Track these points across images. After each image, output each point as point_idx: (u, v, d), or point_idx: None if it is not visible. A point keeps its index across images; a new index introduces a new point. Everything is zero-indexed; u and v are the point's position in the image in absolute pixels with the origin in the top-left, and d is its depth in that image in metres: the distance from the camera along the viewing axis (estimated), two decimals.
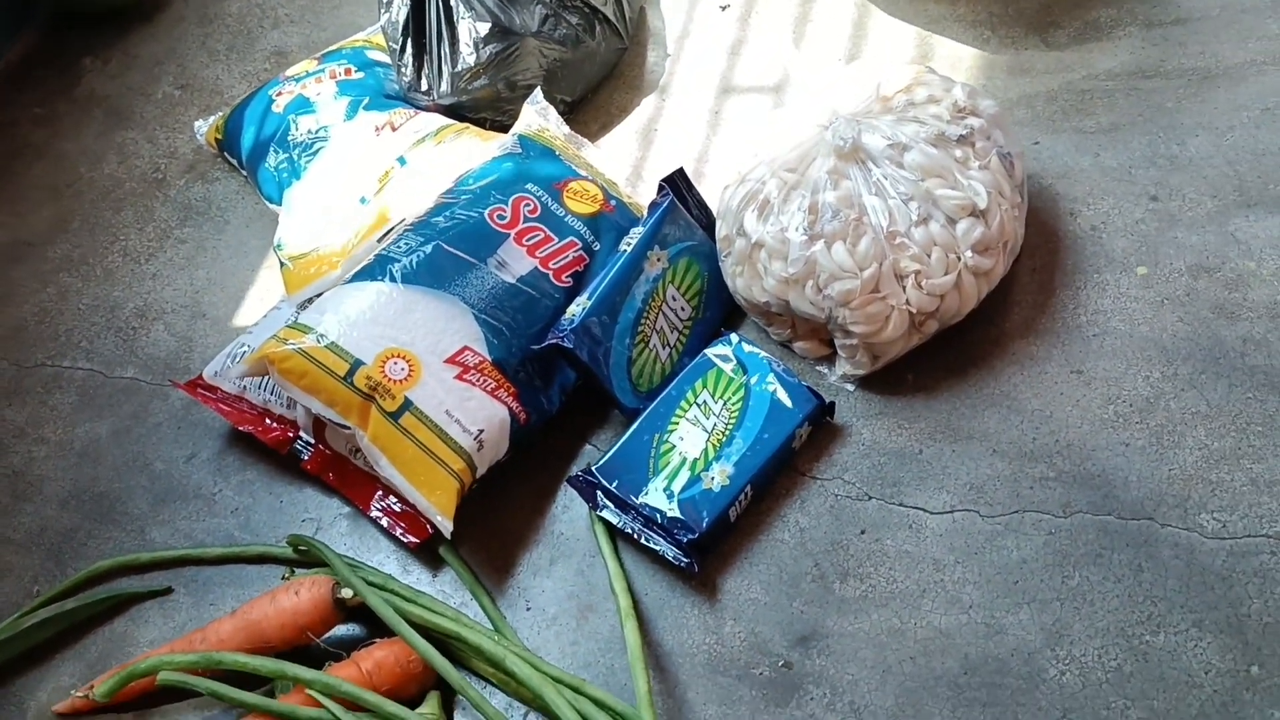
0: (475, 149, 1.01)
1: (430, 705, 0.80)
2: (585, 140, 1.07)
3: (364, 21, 1.29)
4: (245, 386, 0.95)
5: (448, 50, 1.06)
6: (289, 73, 1.14)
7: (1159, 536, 0.81)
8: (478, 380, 0.87)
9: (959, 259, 0.88)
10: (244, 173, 1.14)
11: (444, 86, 1.07)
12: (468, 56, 1.06)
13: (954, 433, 0.89)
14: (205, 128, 1.19)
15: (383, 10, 1.09)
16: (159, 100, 1.29)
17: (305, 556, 0.90)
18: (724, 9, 1.22)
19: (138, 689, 0.83)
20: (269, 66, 1.29)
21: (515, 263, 0.93)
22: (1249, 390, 0.87)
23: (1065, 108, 1.07)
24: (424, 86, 1.07)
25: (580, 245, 0.96)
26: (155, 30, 1.37)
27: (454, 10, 1.06)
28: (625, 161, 1.12)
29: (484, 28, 1.05)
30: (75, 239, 1.18)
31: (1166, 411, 0.87)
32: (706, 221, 0.99)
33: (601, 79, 1.17)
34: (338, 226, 1.00)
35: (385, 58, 1.14)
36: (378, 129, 1.04)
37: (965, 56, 1.13)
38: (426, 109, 1.08)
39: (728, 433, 0.88)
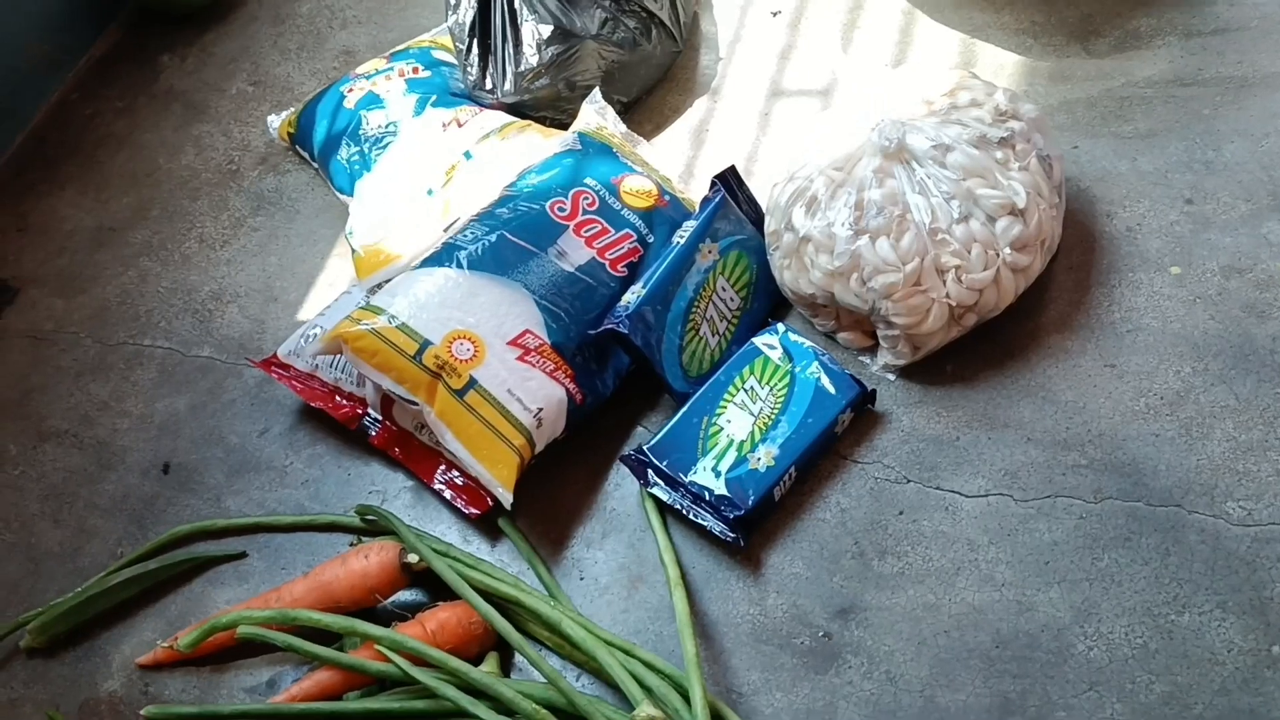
0: (537, 145, 1.07)
1: (489, 664, 0.85)
2: (641, 138, 1.12)
3: (428, 23, 1.34)
4: (317, 365, 1.01)
5: (512, 51, 1.11)
6: (359, 70, 1.20)
7: (1186, 522, 0.85)
8: (538, 362, 0.93)
9: (998, 255, 0.93)
10: (315, 165, 1.20)
11: (507, 85, 1.12)
12: (530, 57, 1.11)
13: (990, 421, 0.93)
14: (278, 122, 1.25)
15: (450, 12, 1.15)
16: (233, 96, 1.35)
17: (372, 526, 0.95)
18: (775, 15, 1.27)
19: (216, 642, 0.89)
20: (337, 65, 1.35)
21: (574, 252, 0.98)
22: (1277, 386, 0.90)
23: (1104, 113, 1.10)
24: (489, 85, 1.13)
25: (635, 237, 1.01)
26: (230, 29, 1.43)
27: (518, 13, 1.11)
28: (678, 159, 1.16)
29: (546, 30, 1.11)
30: (155, 225, 1.24)
31: (1196, 405, 0.90)
32: (756, 217, 1.04)
33: (656, 81, 1.21)
34: (405, 217, 1.05)
35: (451, 58, 1.20)
36: (444, 125, 1.10)
37: (1008, 63, 1.17)
38: (491, 107, 1.13)
39: (773, 417, 0.92)
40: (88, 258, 1.22)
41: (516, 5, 1.12)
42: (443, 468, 0.96)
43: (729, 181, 1.02)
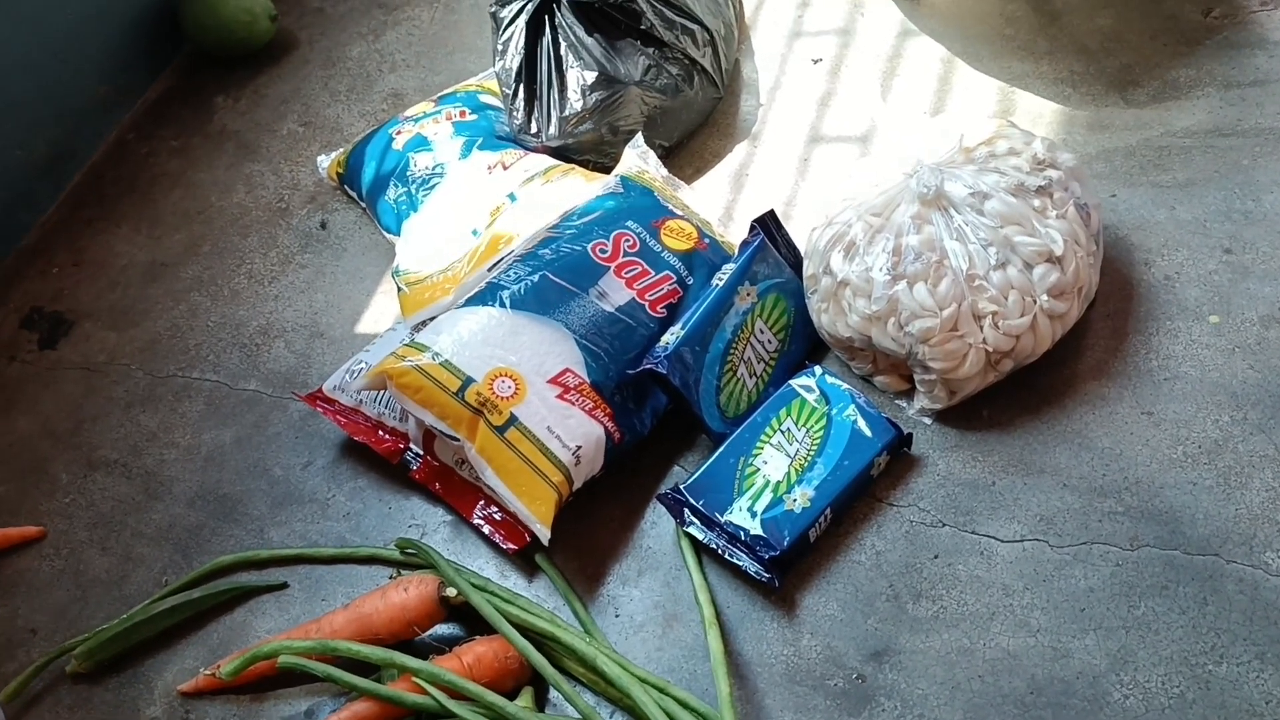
0: (580, 188, 1.09)
1: (524, 699, 0.86)
2: (681, 182, 1.14)
3: (474, 68, 1.38)
4: (361, 400, 1.03)
5: (557, 96, 1.14)
6: (408, 113, 1.23)
7: (1224, 572, 0.85)
8: (577, 400, 0.94)
9: (1034, 302, 0.93)
10: (363, 204, 1.23)
11: (552, 129, 1.14)
12: (575, 102, 1.13)
13: (1026, 467, 0.93)
14: (327, 162, 1.28)
15: (498, 58, 1.18)
16: (284, 136, 1.39)
17: (411, 559, 0.97)
18: (816, 62, 1.29)
19: (258, 671, 0.91)
20: (386, 107, 1.39)
21: (615, 293, 1.00)
22: None
23: (1143, 163, 1.11)
24: (534, 129, 1.15)
25: (675, 279, 1.02)
26: (282, 72, 1.47)
27: (564, 60, 1.14)
28: (718, 203, 1.18)
29: (591, 76, 1.13)
30: (206, 261, 1.27)
31: (1234, 454, 0.90)
32: (794, 260, 1.05)
33: (698, 125, 1.24)
34: (452, 256, 1.08)
35: (497, 101, 1.23)
36: (490, 168, 1.12)
37: (1046, 111, 1.18)
38: (535, 150, 1.16)
39: (810, 458, 0.93)
40: (140, 292, 1.26)
41: (562, 51, 1.14)
42: (482, 503, 0.97)
43: (768, 225, 1.04)
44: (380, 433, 1.02)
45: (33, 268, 1.31)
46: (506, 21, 1.17)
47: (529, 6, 1.16)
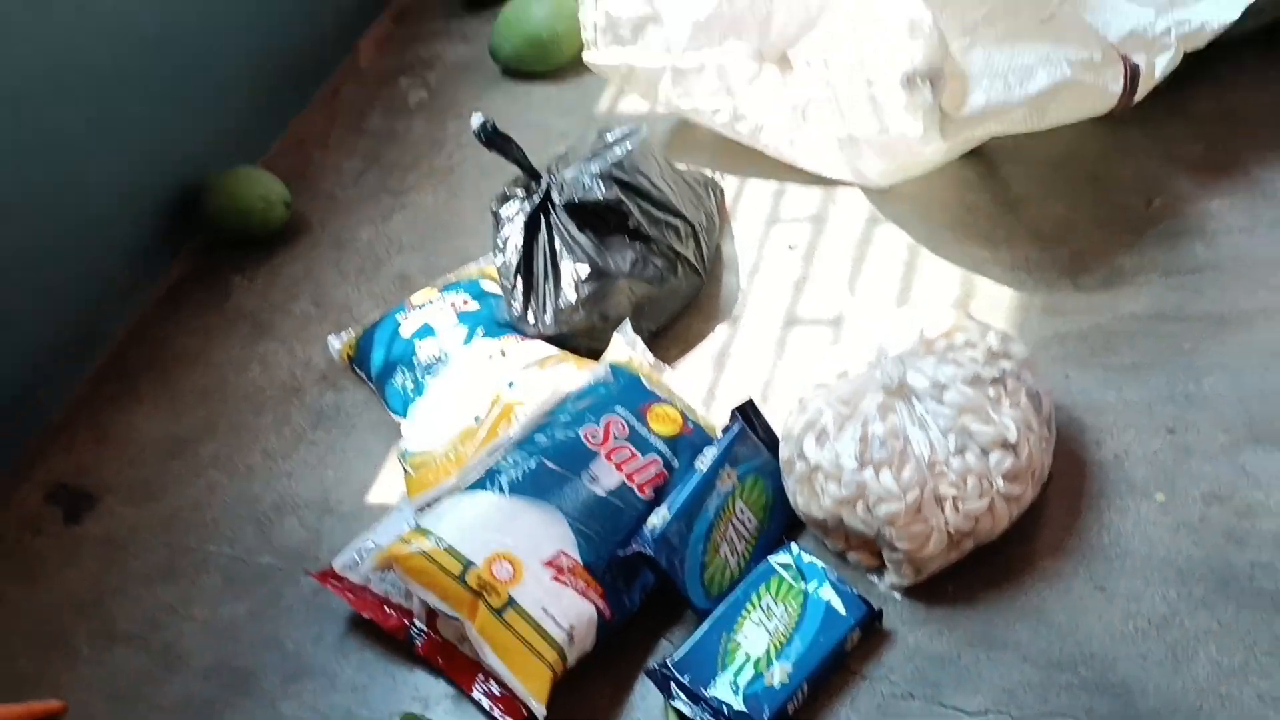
0: (573, 375, 1.18)
1: None
2: (666, 367, 1.23)
3: (475, 250, 1.48)
4: (369, 579, 1.10)
5: (552, 288, 1.24)
6: (414, 300, 1.33)
7: None
8: (570, 581, 1.01)
9: (991, 486, 1.01)
10: (372, 385, 1.32)
11: (548, 319, 1.24)
12: (569, 294, 1.23)
13: (989, 640, 1.00)
14: (339, 344, 1.37)
15: (498, 253, 1.28)
16: (297, 316, 1.49)
17: None
18: (791, 248, 1.39)
19: None
20: (393, 288, 1.49)
21: (605, 477, 1.08)
22: (1257, 612, 0.97)
23: (1094, 346, 1.20)
24: (531, 318, 1.25)
25: (661, 462, 1.10)
26: (295, 253, 1.58)
27: (558, 254, 1.24)
28: (701, 383, 1.27)
29: (583, 270, 1.23)
30: (223, 438, 1.35)
31: (1181, 628, 0.97)
32: (771, 442, 1.13)
33: (682, 309, 1.33)
34: (454, 440, 1.16)
35: (497, 289, 1.32)
36: (490, 355, 1.22)
37: (1004, 296, 1.27)
38: (532, 337, 1.25)
39: (788, 634, 1.00)
40: (161, 468, 1.33)
41: (557, 247, 1.25)
42: (481, 677, 1.04)
43: (746, 413, 1.12)
44: (386, 609, 1.09)
45: (58, 444, 1.39)
46: (506, 220, 1.28)
47: (526, 207, 1.27)
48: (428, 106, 1.79)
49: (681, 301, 1.32)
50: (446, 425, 1.18)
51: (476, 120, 1.24)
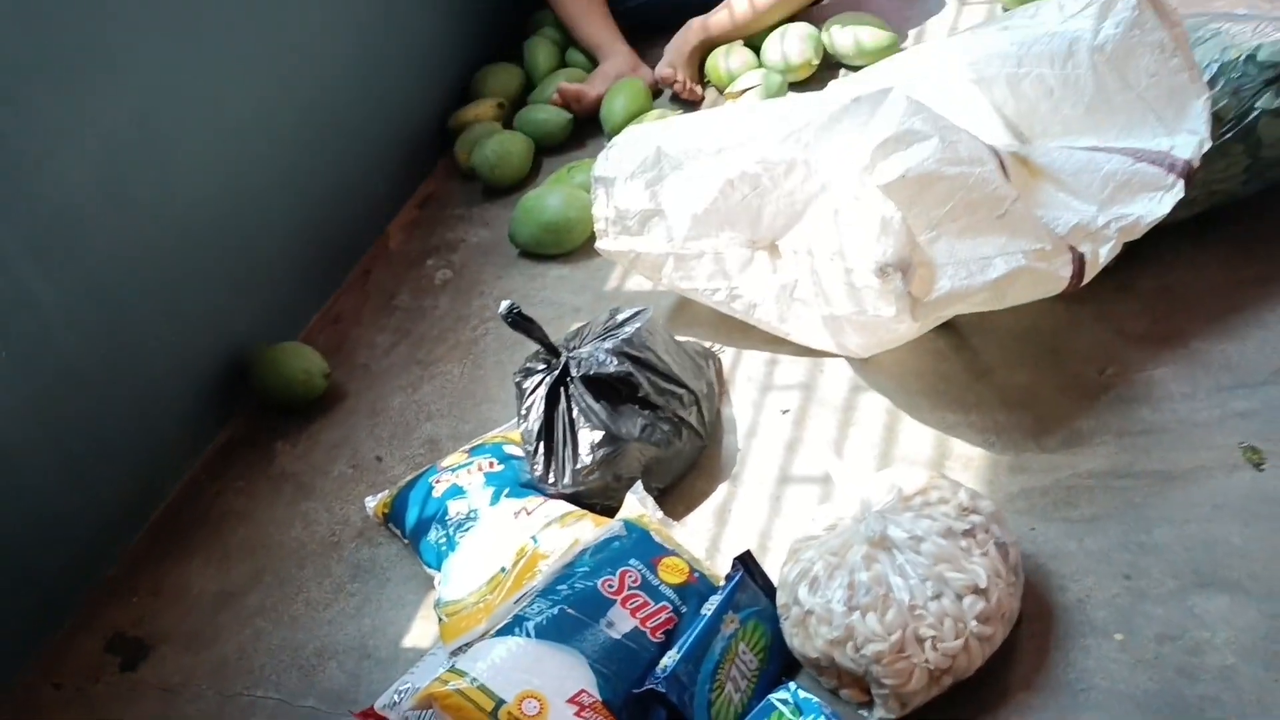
0: (590, 531, 1.31)
1: None
2: (674, 522, 1.37)
3: (498, 417, 1.63)
4: (409, 717, 1.21)
5: (571, 452, 1.39)
6: (445, 463, 1.48)
7: None
8: (591, 717, 1.13)
9: (966, 627, 1.14)
10: (405, 541, 1.45)
11: (567, 479, 1.39)
12: (585, 457, 1.38)
13: None
14: (374, 503, 1.51)
15: (521, 420, 1.43)
16: (335, 477, 1.63)
17: None
18: (784, 413, 1.55)
19: None
20: (423, 452, 1.63)
21: (621, 623, 1.20)
22: None
23: (1056, 500, 1.34)
24: (551, 479, 1.39)
25: (671, 609, 1.23)
26: (334, 419, 1.73)
27: (576, 422, 1.39)
28: (705, 536, 1.41)
29: (598, 435, 1.38)
30: (267, 590, 1.48)
31: None
32: (769, 589, 1.26)
33: (687, 470, 1.48)
34: (484, 590, 1.29)
35: (519, 451, 1.47)
36: (515, 514, 1.35)
37: (975, 456, 1.42)
38: (553, 496, 1.39)
39: None
40: (211, 618, 1.46)
41: (575, 415, 1.40)
42: None
43: (746, 563, 1.26)
44: None
45: (117, 596, 1.52)
46: (529, 391, 1.43)
47: (547, 379, 1.43)
48: (453, 285, 1.97)
49: (686, 463, 1.47)
50: (477, 577, 1.31)
51: (504, 306, 1.41)
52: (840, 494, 1.32)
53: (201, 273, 1.69)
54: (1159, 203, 1.44)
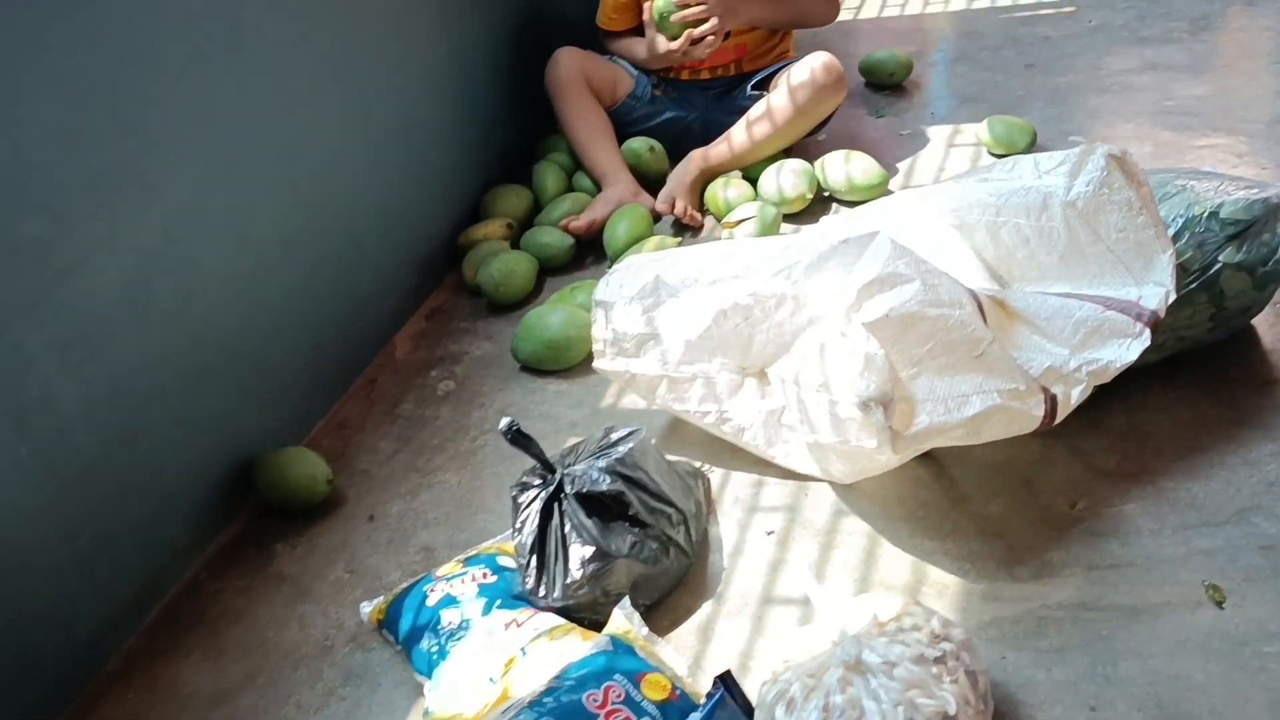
0: (578, 645, 1.36)
1: None
2: (659, 638, 1.42)
3: (494, 527, 1.69)
4: None
5: (562, 567, 1.44)
6: (440, 572, 1.53)
7: None
8: None
9: None
10: (399, 647, 1.50)
11: (557, 593, 1.44)
12: (575, 572, 1.44)
13: None
14: (369, 608, 1.55)
15: (515, 534, 1.49)
16: (332, 581, 1.68)
17: None
18: (769, 534, 1.61)
19: None
20: (418, 559, 1.69)
21: None
22: None
23: (1027, 630, 1.40)
24: (542, 593, 1.45)
25: None
26: (333, 524, 1.79)
27: (568, 537, 1.45)
28: (688, 653, 1.45)
29: (589, 551, 1.44)
30: (261, 691, 1.52)
31: None
32: (748, 709, 1.31)
33: (673, 587, 1.53)
34: (471, 700, 1.33)
35: (512, 563, 1.53)
36: (506, 625, 1.40)
37: (950, 583, 1.48)
38: (543, 609, 1.44)
39: None
40: (204, 717, 1.49)
41: (567, 531, 1.46)
42: None
43: (727, 682, 1.30)
44: None
45: (113, 692, 1.55)
46: (524, 505, 1.50)
47: (542, 495, 1.49)
48: (455, 396, 2.05)
49: (673, 580, 1.52)
50: (466, 687, 1.35)
51: (504, 424, 1.48)
52: (819, 617, 1.37)
53: (215, 378, 1.76)
54: (1127, 349, 1.52)
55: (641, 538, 1.48)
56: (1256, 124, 2.39)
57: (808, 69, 2.40)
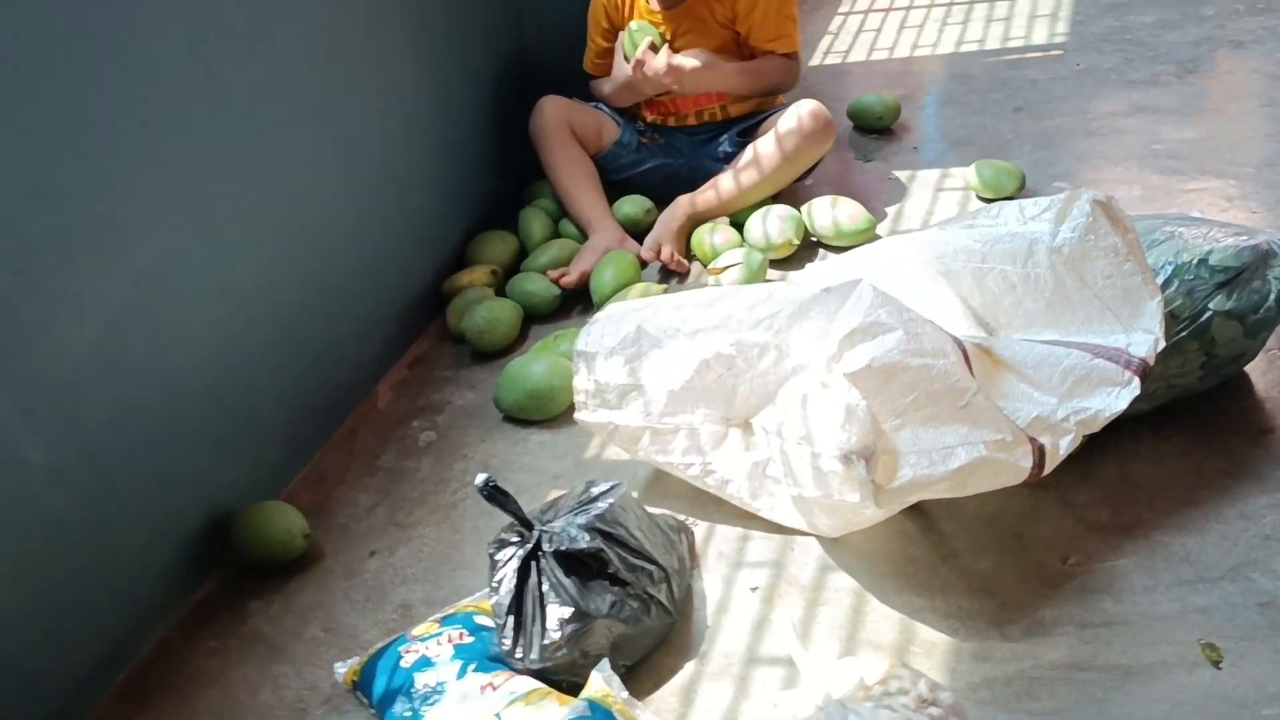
0: (555, 711, 1.32)
1: None
2: (638, 702, 1.37)
3: (473, 584, 1.65)
4: None
5: (540, 627, 1.40)
6: (415, 632, 1.49)
7: None
8: None
9: None
10: (373, 711, 1.45)
11: (534, 655, 1.40)
12: (553, 633, 1.40)
13: None
14: (344, 669, 1.51)
15: (492, 593, 1.45)
16: (308, 640, 1.64)
17: None
18: (753, 590, 1.57)
19: None
20: (396, 617, 1.65)
21: None
22: None
23: (1018, 691, 1.35)
24: (519, 654, 1.41)
25: None
26: (310, 581, 1.75)
27: (545, 597, 1.41)
28: (670, 716, 1.41)
29: (567, 611, 1.40)
30: None
31: None
32: None
33: (655, 646, 1.49)
34: None
35: (490, 621, 1.49)
36: (482, 688, 1.36)
37: (939, 642, 1.44)
38: (520, 672, 1.40)
39: None
40: None
41: (545, 590, 1.42)
42: None
43: None
44: None
45: None
46: (501, 564, 1.46)
47: (519, 553, 1.45)
48: (436, 447, 2.01)
49: (654, 639, 1.48)
50: None
51: (480, 480, 1.44)
52: (804, 680, 1.33)
53: (189, 432, 1.72)
54: (1116, 398, 1.49)
55: (622, 596, 1.44)
56: (1246, 167, 2.37)
57: (795, 116, 2.39)
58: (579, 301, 2.34)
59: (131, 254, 1.60)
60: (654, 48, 2.41)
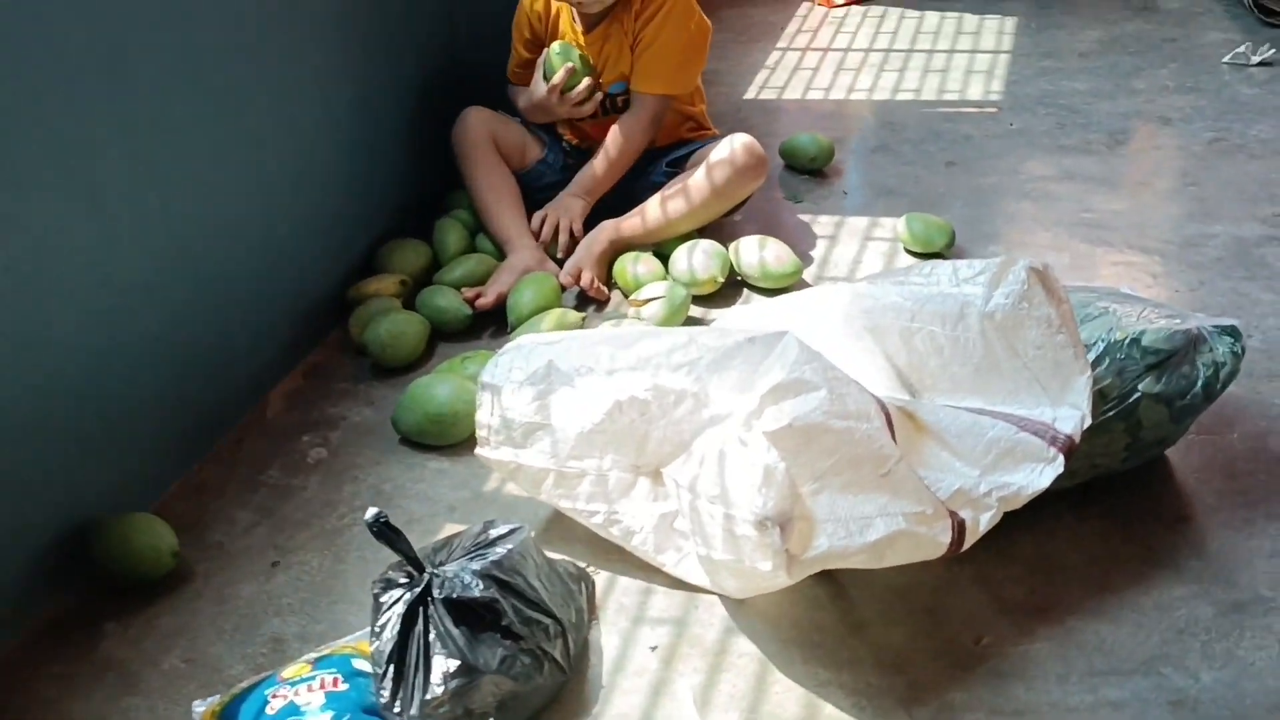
0: None
1: None
2: None
3: (353, 621, 1.53)
4: None
5: (422, 680, 1.29)
6: (285, 674, 1.36)
7: None
8: None
9: None
10: None
11: (414, 710, 1.29)
12: (436, 688, 1.29)
13: None
14: (202, 708, 1.38)
15: (374, 638, 1.34)
16: (166, 671, 1.50)
17: None
18: (653, 649, 1.48)
19: None
20: (265, 651, 1.52)
21: None
22: None
23: None
24: (398, 708, 1.30)
25: None
26: (175, 604, 1.61)
27: (431, 647, 1.31)
28: None
29: (453, 664, 1.30)
30: None
31: None
32: None
33: (545, 705, 1.39)
34: None
35: (369, 668, 1.37)
36: None
37: None
38: None
39: None
40: None
41: (431, 639, 1.31)
42: None
43: None
44: None
45: None
46: (385, 606, 1.35)
47: (406, 596, 1.34)
48: (326, 465, 1.89)
49: (545, 698, 1.38)
50: None
51: (370, 514, 1.33)
52: None
53: (53, 431, 1.58)
54: (1040, 475, 1.45)
55: (514, 651, 1.34)
56: (1171, 244, 2.37)
57: (729, 148, 2.33)
58: (492, 322, 2.24)
59: (9, 234, 1.46)
60: (577, 72, 2.33)
